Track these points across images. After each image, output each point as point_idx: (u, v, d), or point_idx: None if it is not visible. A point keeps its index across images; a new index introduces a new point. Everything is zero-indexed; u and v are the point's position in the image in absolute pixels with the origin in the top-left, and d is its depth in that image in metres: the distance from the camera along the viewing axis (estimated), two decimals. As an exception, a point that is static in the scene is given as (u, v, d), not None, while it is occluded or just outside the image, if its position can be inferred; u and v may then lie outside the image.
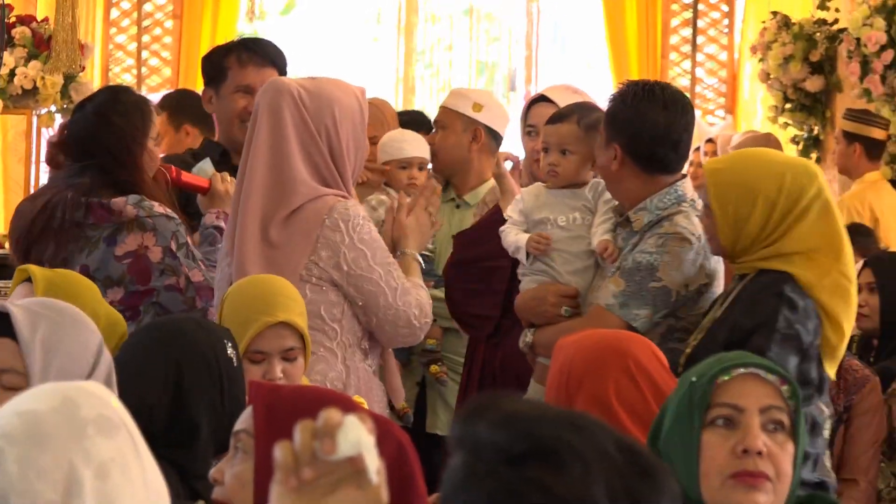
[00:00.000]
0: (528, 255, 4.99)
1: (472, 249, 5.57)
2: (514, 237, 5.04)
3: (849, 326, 4.47)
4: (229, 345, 3.67)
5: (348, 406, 3.02)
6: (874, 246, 7.21)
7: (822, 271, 4.42)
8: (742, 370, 3.18)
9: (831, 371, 4.47)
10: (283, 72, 5.70)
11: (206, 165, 5.40)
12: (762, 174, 4.46)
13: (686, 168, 12.60)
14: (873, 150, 8.81)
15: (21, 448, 2.11)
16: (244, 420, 2.90)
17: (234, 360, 3.65)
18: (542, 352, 4.88)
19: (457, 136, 6.15)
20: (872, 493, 5.31)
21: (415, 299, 4.70)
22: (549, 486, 1.70)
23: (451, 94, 6.58)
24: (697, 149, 12.37)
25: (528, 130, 5.65)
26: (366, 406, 3.27)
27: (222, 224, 5.14)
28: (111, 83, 12.72)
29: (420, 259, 4.98)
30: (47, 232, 5.06)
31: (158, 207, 5.04)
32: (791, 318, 4.36)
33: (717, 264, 4.84)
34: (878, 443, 5.36)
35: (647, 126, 4.80)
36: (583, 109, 5.10)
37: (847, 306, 4.44)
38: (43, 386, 2.28)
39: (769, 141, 10.82)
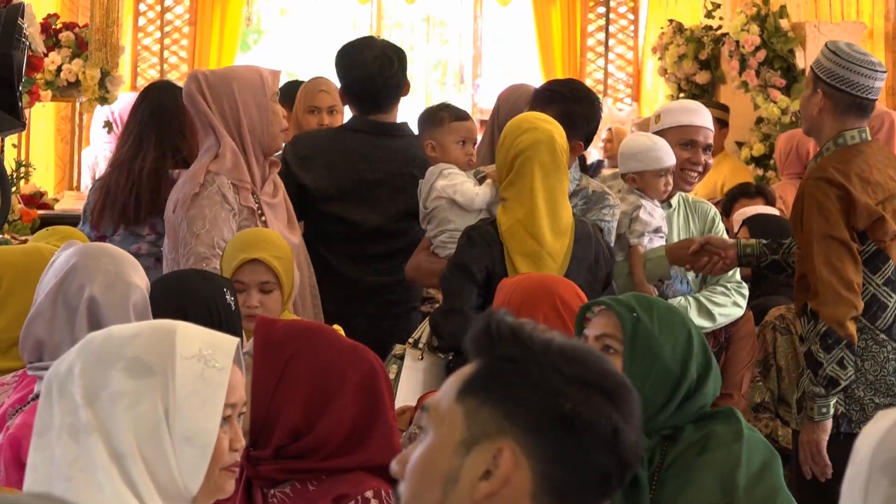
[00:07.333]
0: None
1: None
2: (476, 186, 4.70)
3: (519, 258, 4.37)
4: (228, 293, 3.66)
5: (330, 335, 3.03)
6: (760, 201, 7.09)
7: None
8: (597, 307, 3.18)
9: None
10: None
11: None
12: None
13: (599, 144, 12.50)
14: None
15: (81, 357, 2.24)
16: (248, 345, 2.95)
17: (233, 305, 3.65)
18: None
19: None
20: (744, 405, 5.33)
21: None
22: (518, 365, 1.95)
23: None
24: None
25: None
26: (343, 333, 3.26)
27: None
28: (139, 78, 12.77)
29: None
30: None
31: None
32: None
33: None
34: (750, 364, 5.37)
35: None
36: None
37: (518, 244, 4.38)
38: (151, 322, 2.43)
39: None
